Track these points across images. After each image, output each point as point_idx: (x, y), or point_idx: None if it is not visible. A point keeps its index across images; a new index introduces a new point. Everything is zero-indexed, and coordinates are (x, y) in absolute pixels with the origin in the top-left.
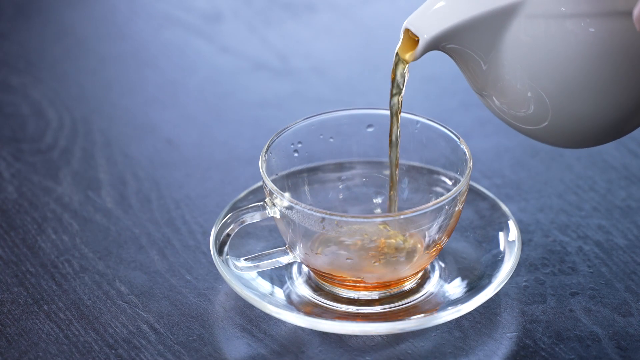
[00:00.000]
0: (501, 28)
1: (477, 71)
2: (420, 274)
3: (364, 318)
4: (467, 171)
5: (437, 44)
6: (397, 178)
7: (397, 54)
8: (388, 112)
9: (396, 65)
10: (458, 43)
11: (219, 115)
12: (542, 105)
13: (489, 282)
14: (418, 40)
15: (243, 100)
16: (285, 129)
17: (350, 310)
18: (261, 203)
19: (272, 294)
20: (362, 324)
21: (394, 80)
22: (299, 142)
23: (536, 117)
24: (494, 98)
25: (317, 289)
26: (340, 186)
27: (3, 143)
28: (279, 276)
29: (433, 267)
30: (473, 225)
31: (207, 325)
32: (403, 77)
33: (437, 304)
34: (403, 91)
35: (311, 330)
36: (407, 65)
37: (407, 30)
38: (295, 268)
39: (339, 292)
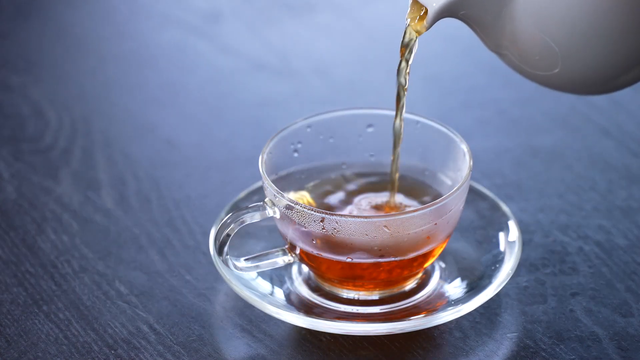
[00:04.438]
0: None
1: (489, 32)
2: (420, 274)
3: (364, 318)
4: (467, 171)
5: (446, 12)
6: (399, 165)
7: (407, 25)
8: (388, 112)
9: (405, 35)
10: (467, 8)
11: (219, 115)
12: (553, 53)
13: (489, 283)
14: (426, 10)
15: (243, 100)
16: (285, 129)
17: (350, 310)
18: (261, 203)
19: (272, 294)
20: (362, 324)
21: (402, 53)
22: (299, 142)
23: (548, 65)
24: (508, 53)
25: (317, 289)
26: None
27: (3, 143)
28: (279, 276)
29: (433, 267)
30: (473, 225)
31: (207, 325)
32: (411, 49)
33: (437, 304)
34: (410, 66)
35: (311, 330)
36: (417, 37)
37: (415, 1)
38: (295, 268)
39: (339, 292)
